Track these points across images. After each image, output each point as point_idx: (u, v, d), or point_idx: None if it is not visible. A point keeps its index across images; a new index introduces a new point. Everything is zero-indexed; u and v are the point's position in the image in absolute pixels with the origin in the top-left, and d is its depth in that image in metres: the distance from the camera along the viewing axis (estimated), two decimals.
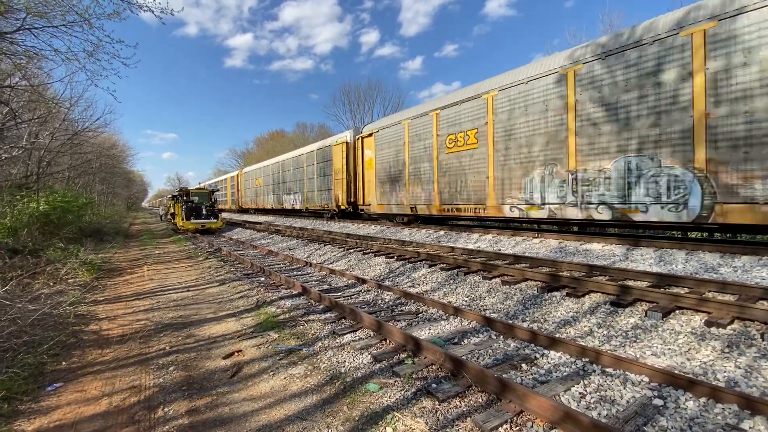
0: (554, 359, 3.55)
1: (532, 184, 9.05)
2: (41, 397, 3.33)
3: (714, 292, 4.74)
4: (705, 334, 3.74)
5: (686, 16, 6.54)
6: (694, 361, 3.36)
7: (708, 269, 5.73)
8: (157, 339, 4.69)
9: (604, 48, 7.66)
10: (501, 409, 2.75)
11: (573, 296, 5.07)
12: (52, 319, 5.06)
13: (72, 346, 4.47)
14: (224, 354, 4.12)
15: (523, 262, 7.08)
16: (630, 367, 3.18)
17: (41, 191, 15.02)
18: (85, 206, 16.60)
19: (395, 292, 6.06)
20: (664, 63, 6.78)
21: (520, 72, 9.53)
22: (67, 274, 7.96)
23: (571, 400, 2.87)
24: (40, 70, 12.84)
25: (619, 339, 3.93)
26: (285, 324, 4.97)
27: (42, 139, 16.98)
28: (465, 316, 4.77)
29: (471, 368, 3.17)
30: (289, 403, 3.08)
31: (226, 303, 6.22)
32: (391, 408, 2.90)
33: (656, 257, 6.56)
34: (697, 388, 2.78)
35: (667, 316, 4.22)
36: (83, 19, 7.18)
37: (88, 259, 9.66)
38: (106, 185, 35.56)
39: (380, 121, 15.71)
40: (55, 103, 15.05)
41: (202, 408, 3.06)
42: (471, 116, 10.72)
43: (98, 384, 3.56)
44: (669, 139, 6.73)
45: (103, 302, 6.53)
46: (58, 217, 12.27)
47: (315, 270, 8.57)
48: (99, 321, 5.45)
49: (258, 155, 56.92)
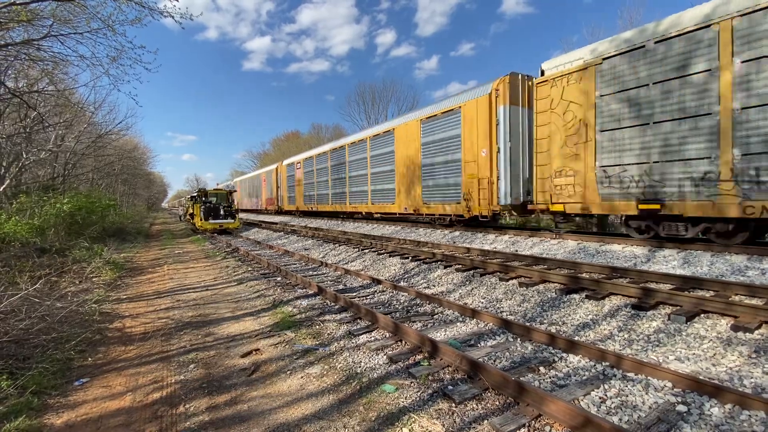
0: (573, 363, 3.49)
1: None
2: (69, 391, 3.45)
3: (741, 296, 4.58)
4: (731, 339, 3.62)
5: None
6: (719, 366, 3.25)
7: (735, 271, 5.54)
8: (177, 337, 4.80)
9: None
10: (519, 412, 2.72)
11: (592, 299, 4.97)
12: (79, 317, 5.24)
13: (97, 343, 4.62)
14: (242, 353, 4.19)
15: (541, 263, 6.98)
16: (652, 372, 3.10)
17: (66, 192, 15.57)
18: (109, 207, 17.10)
19: (410, 293, 6.06)
20: None
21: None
22: (91, 273, 8.22)
23: (591, 404, 2.82)
24: (66, 76, 13.35)
25: (641, 343, 3.84)
26: (301, 323, 5.03)
27: (67, 142, 17.60)
28: (481, 318, 4.74)
29: (488, 371, 3.15)
30: (306, 403, 3.11)
31: (243, 302, 6.33)
32: (407, 409, 2.90)
33: (680, 259, 6.37)
34: (723, 394, 2.70)
35: (692, 320, 4.09)
36: (107, 25, 7.44)
37: (112, 259, 9.97)
38: (128, 186, 36.63)
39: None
40: (80, 107, 15.61)
41: (221, 405, 3.13)
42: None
43: (122, 380, 3.67)
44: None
45: (126, 300, 6.73)
46: (83, 217, 12.72)
47: (330, 270, 8.63)
48: (122, 319, 5.62)
49: (273, 156, 57.60)
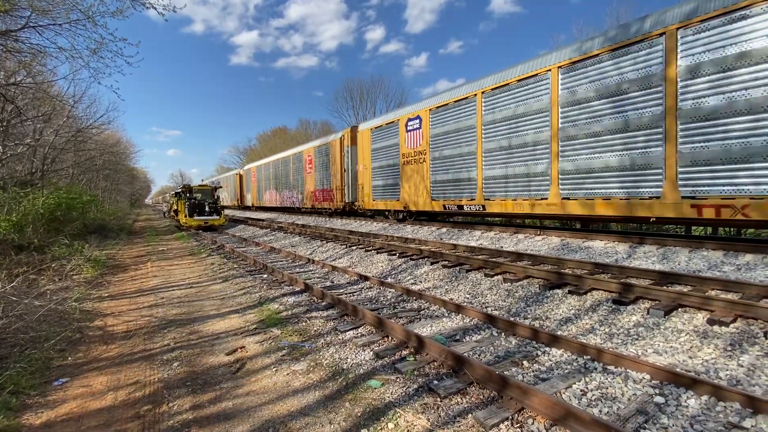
0: (556, 357, 3.56)
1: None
2: (48, 391, 3.38)
3: (717, 290, 4.72)
4: (707, 333, 3.74)
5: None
6: (696, 359, 3.36)
7: (711, 267, 5.71)
8: (161, 335, 4.73)
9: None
10: (502, 406, 2.76)
11: (575, 294, 5.07)
12: (58, 315, 5.12)
13: (78, 342, 4.52)
14: (227, 350, 4.15)
15: (525, 259, 7.08)
16: (632, 365, 3.18)
17: (45, 188, 15.12)
18: (89, 203, 16.68)
19: (397, 289, 6.08)
20: None
21: None
22: (72, 271, 8.02)
23: (572, 397, 2.88)
24: (44, 68, 12.90)
25: (621, 337, 3.93)
26: (288, 321, 5.00)
27: (46, 136, 17.07)
28: (467, 313, 4.79)
29: (472, 365, 3.19)
30: (292, 399, 3.11)
31: (229, 300, 6.26)
32: (393, 404, 2.92)
33: (659, 255, 6.54)
34: (699, 386, 2.79)
35: (670, 314, 4.21)
36: (87, 17, 7.21)
37: (93, 256, 9.73)
38: (110, 182, 35.72)
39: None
40: (59, 101, 15.14)
41: (206, 403, 3.10)
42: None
43: (104, 379, 3.60)
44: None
45: (108, 298, 6.59)
46: (63, 213, 12.36)
47: (317, 267, 8.60)
48: (104, 317, 5.50)
49: (260, 152, 56.88)
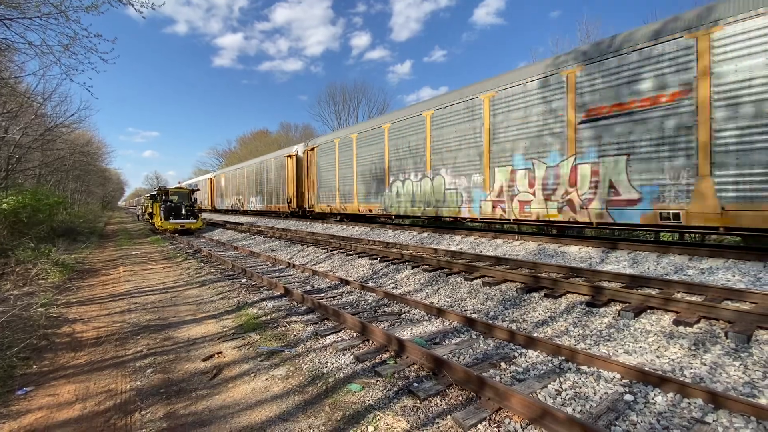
0: (532, 358, 3.65)
1: None
2: (11, 401, 3.22)
3: (682, 293, 4.95)
4: (674, 333, 3.91)
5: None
6: (663, 358, 3.51)
7: (677, 270, 5.98)
8: (133, 341, 4.58)
9: None
10: (480, 406, 2.81)
11: (550, 297, 5.21)
12: (22, 322, 4.88)
13: (43, 349, 4.32)
14: (204, 356, 4.06)
15: (504, 263, 7.22)
16: (603, 365, 3.30)
17: (10, 188, 14.40)
18: (57, 205, 16.02)
19: (378, 293, 6.09)
20: None
21: None
22: (37, 275, 7.67)
23: (548, 396, 2.96)
24: (12, 63, 12.35)
25: (593, 338, 4.07)
26: (267, 325, 4.93)
27: (12, 135, 16.27)
28: (447, 316, 4.84)
29: (452, 367, 3.23)
30: (270, 404, 3.06)
31: (205, 304, 6.12)
32: (373, 407, 2.92)
33: (630, 259, 6.80)
34: (666, 384, 2.92)
35: (639, 315, 4.38)
36: (59, 11, 6.96)
37: (61, 260, 9.34)
38: (80, 183, 34.32)
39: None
40: (27, 98, 14.49)
41: (181, 411, 3.02)
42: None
43: (71, 388, 3.46)
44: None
45: (77, 304, 6.32)
46: (29, 215, 11.81)
47: (298, 271, 8.51)
48: (72, 323, 5.28)
49: (240, 154, 55.97)
